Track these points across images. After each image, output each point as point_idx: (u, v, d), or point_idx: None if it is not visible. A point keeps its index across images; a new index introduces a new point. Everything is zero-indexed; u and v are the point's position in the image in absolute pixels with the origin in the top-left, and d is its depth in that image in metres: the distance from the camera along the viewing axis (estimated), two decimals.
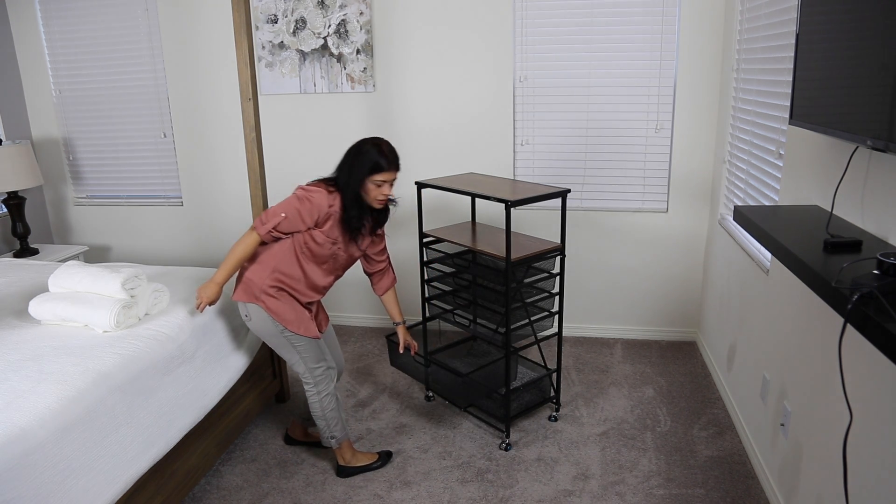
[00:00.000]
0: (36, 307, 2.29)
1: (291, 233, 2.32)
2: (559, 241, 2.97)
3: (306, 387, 2.45)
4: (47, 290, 2.45)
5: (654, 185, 3.56)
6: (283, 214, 2.27)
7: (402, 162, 3.74)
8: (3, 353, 2.05)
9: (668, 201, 3.57)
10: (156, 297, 2.42)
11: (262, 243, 2.35)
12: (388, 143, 2.33)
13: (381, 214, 2.46)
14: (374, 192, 2.31)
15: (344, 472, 2.55)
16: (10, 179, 3.67)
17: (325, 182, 2.36)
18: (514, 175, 3.68)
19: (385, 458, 2.63)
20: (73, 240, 4.35)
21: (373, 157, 2.27)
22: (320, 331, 2.55)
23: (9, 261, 3.18)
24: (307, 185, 2.34)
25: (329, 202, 2.30)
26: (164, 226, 4.18)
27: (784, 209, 1.95)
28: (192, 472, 2.36)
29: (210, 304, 2.35)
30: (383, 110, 3.72)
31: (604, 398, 3.12)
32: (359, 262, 2.61)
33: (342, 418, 2.51)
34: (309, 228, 2.31)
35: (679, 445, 2.72)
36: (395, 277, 2.69)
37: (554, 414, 2.95)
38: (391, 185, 2.34)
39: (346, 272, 2.60)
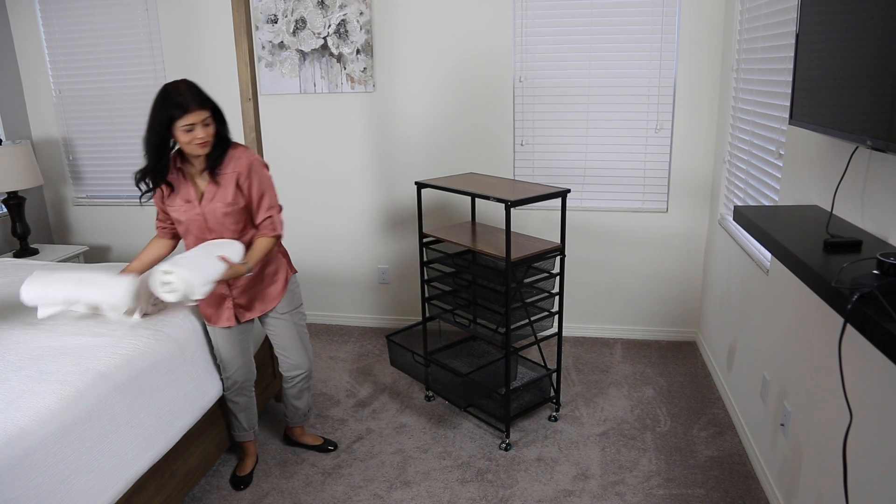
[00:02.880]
0: (29, 291, 2.16)
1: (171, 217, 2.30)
2: (559, 241, 2.97)
3: None
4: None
5: (654, 185, 3.56)
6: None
7: (402, 162, 3.77)
8: (2, 353, 2.05)
9: (668, 201, 3.57)
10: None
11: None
12: (185, 82, 2.10)
13: (212, 158, 2.18)
14: (187, 138, 2.08)
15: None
16: (10, 179, 3.67)
17: None
18: (514, 175, 3.68)
19: (236, 484, 2.52)
20: (73, 240, 4.35)
21: (168, 105, 2.05)
22: (240, 319, 2.39)
23: (9, 261, 3.17)
24: None
25: None
26: None
27: (784, 209, 1.95)
28: (192, 472, 2.36)
29: None
30: (383, 110, 3.72)
31: (604, 398, 3.12)
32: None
33: (237, 426, 2.57)
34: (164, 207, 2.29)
35: (679, 445, 2.72)
36: (278, 234, 2.32)
37: (554, 414, 2.95)
38: (203, 125, 2.09)
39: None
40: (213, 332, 2.41)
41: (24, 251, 3.84)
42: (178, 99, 2.05)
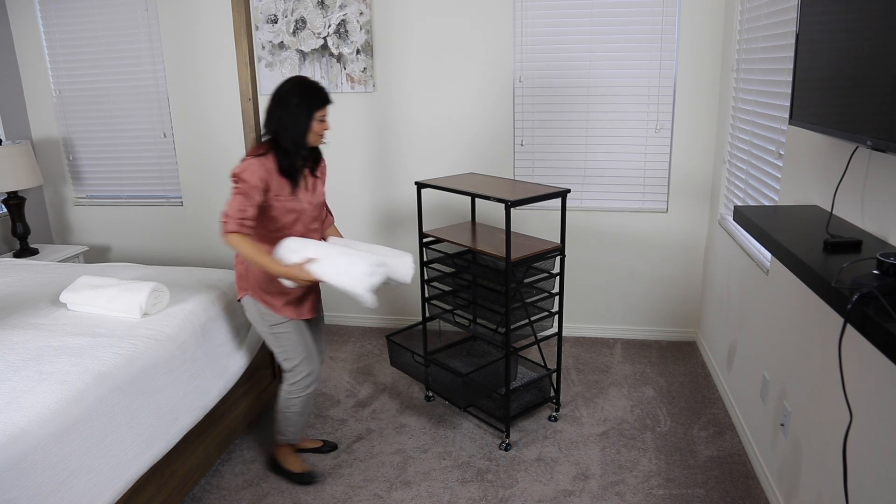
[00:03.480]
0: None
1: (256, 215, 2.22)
2: (559, 241, 2.97)
3: (285, 384, 2.42)
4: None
5: (654, 185, 3.56)
6: (239, 197, 2.13)
7: (402, 162, 3.78)
8: (3, 353, 2.05)
9: (668, 201, 3.57)
10: (155, 297, 2.42)
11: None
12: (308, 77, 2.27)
13: (316, 152, 2.36)
14: (319, 127, 2.22)
15: (274, 467, 2.57)
16: (10, 179, 3.67)
17: (252, 153, 2.22)
18: (514, 175, 3.68)
19: (309, 478, 2.53)
20: (73, 240, 4.35)
21: (311, 94, 2.18)
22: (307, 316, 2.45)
23: (9, 261, 3.18)
24: (238, 166, 2.18)
25: (265, 165, 2.16)
26: (164, 226, 4.18)
27: (784, 209, 1.95)
28: (192, 472, 2.36)
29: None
30: (383, 110, 3.72)
31: (604, 398, 3.12)
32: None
33: (301, 425, 2.50)
34: (264, 199, 2.19)
35: (679, 445, 2.72)
36: (332, 218, 2.57)
37: (554, 414, 2.95)
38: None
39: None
40: (297, 327, 2.35)
41: (24, 251, 3.84)
42: (321, 89, 2.21)
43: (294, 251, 2.14)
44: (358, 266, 2.09)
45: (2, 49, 3.97)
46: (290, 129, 2.17)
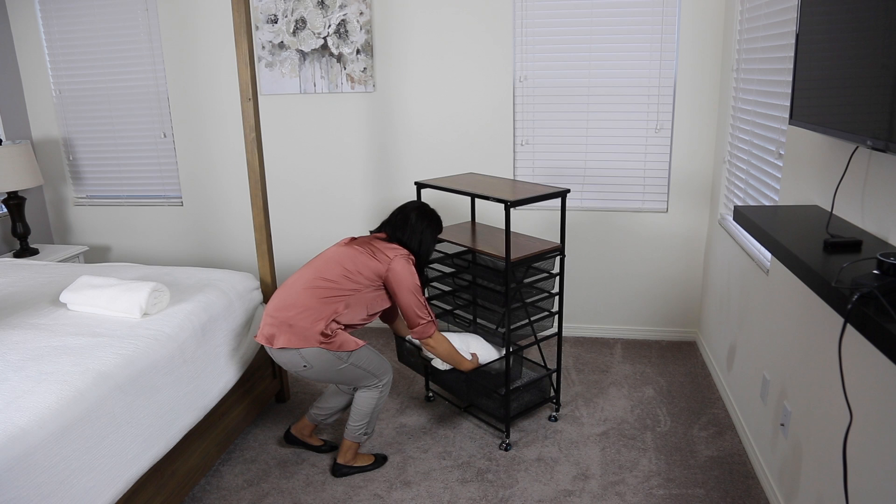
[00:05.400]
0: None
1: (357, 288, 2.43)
2: (559, 241, 2.97)
3: (370, 392, 2.51)
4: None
5: (654, 185, 3.56)
6: (423, 297, 2.46)
7: (402, 162, 3.78)
8: (3, 353, 2.05)
9: (668, 201, 3.57)
10: (156, 297, 2.42)
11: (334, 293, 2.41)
12: None
13: None
14: None
15: (341, 470, 2.56)
16: (10, 179, 3.67)
17: (394, 243, 2.50)
18: (514, 175, 3.68)
19: (381, 461, 2.64)
20: (73, 240, 4.35)
21: (439, 220, 2.58)
22: None
23: (9, 261, 3.18)
24: (383, 244, 2.47)
25: None
26: (164, 226, 4.18)
27: (784, 209, 1.95)
28: (192, 472, 2.36)
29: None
30: (383, 110, 3.72)
31: (604, 398, 3.12)
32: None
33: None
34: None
35: (679, 445, 2.72)
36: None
37: (554, 414, 2.95)
38: None
39: None
40: (368, 349, 2.48)
41: (24, 251, 3.84)
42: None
43: (463, 347, 2.67)
44: (494, 353, 2.73)
45: (2, 49, 3.97)
46: (430, 246, 2.55)
